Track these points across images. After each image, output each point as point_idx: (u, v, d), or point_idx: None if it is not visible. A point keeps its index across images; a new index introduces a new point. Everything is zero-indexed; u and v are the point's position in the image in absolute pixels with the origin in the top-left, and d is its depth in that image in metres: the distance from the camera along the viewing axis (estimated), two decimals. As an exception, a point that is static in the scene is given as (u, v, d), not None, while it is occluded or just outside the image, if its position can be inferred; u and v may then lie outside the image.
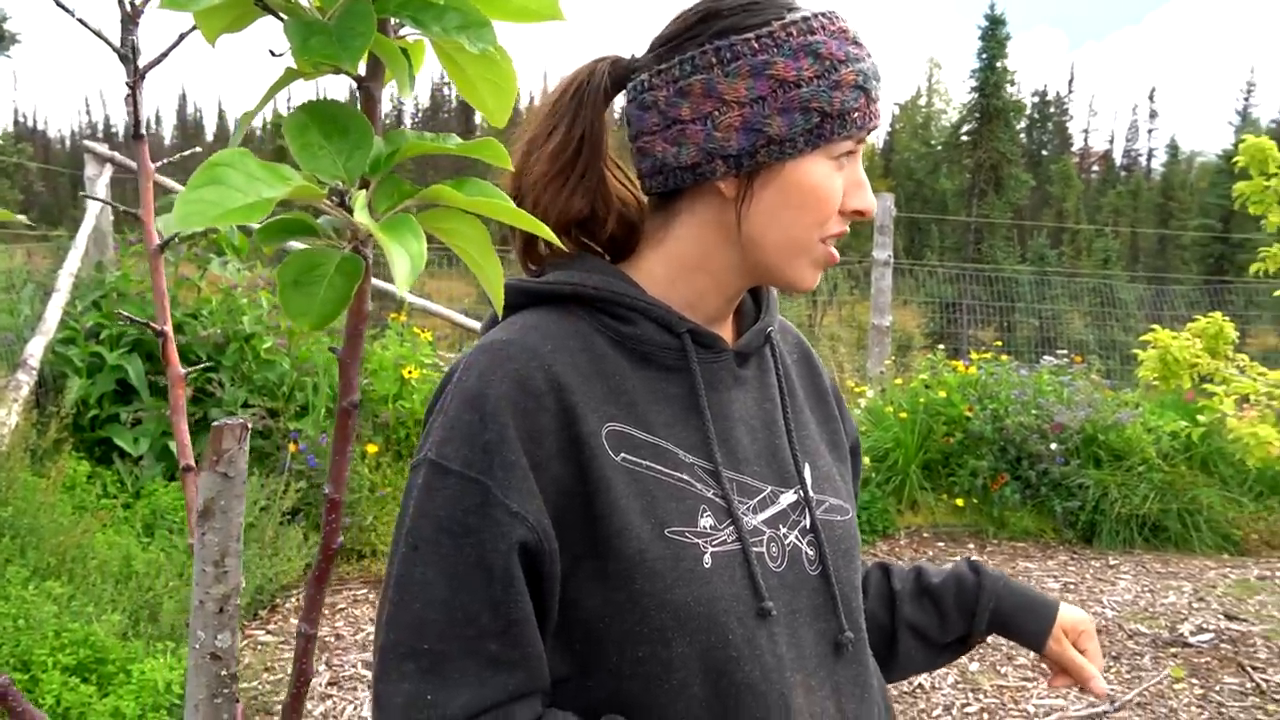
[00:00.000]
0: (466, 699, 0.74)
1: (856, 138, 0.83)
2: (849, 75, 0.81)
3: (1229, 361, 3.05)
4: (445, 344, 6.79)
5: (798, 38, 0.81)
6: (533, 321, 0.84)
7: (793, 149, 0.81)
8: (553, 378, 0.79)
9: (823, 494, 0.93)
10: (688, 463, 0.83)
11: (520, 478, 0.76)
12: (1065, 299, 10.99)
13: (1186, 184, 53.03)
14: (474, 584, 0.75)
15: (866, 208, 0.86)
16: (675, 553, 0.79)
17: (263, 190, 0.40)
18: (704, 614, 0.79)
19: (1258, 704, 3.13)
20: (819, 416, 1.01)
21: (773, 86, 0.80)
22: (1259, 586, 4.38)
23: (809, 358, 1.05)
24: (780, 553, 0.86)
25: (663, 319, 0.85)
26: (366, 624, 3.67)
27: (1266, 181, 3.07)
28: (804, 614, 0.87)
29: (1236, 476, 5.22)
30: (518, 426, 0.77)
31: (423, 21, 0.45)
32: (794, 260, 0.85)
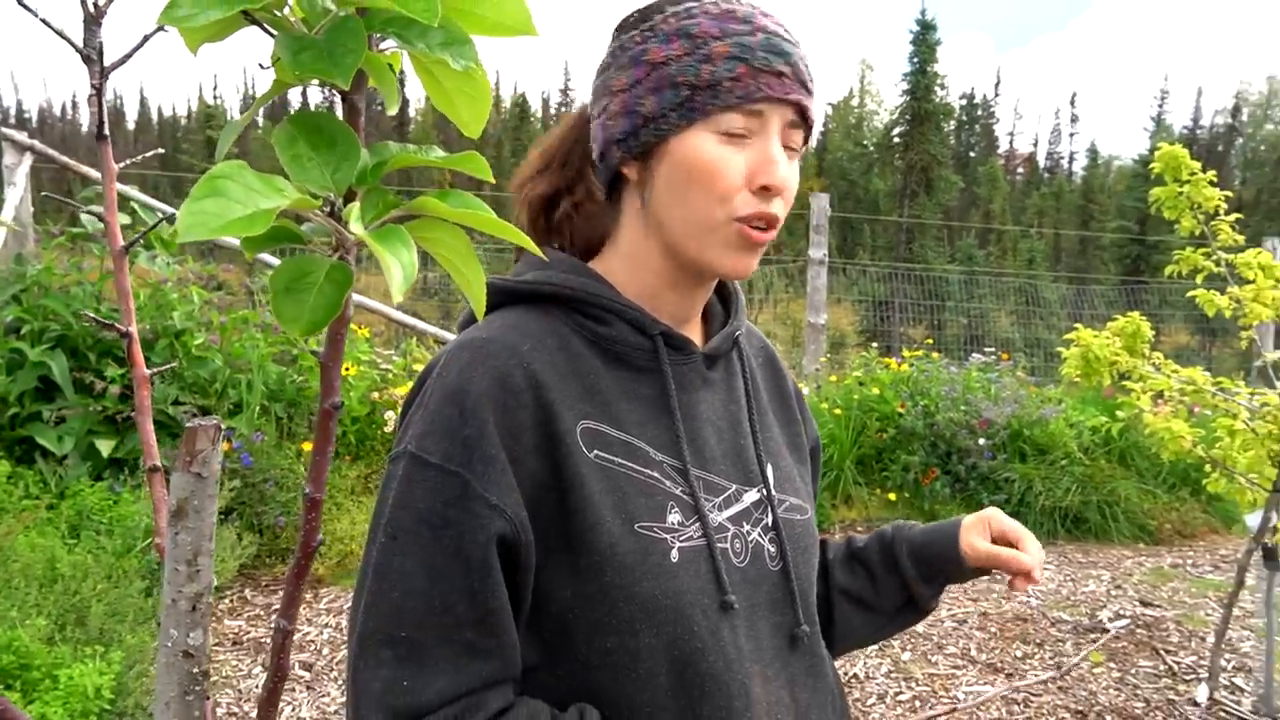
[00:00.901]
0: (442, 685, 0.76)
1: (743, 109, 0.82)
2: (720, 48, 0.81)
3: (1145, 359, 3.18)
4: (381, 340, 6.70)
5: (674, 24, 0.84)
6: (512, 320, 0.86)
7: (667, 124, 0.83)
8: (531, 375, 0.82)
9: (784, 493, 0.96)
10: (657, 460, 0.86)
11: (499, 472, 0.78)
12: (992, 298, 11.32)
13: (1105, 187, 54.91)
14: (452, 574, 0.77)
15: (770, 182, 0.83)
16: (644, 547, 0.82)
17: (261, 201, 0.41)
18: (670, 606, 0.81)
19: (1169, 685, 3.29)
20: (782, 419, 1.04)
21: (646, 69, 0.84)
22: (1172, 574, 4.59)
23: (774, 361, 1.09)
24: (743, 549, 0.89)
25: (636, 321, 0.88)
26: (303, 624, 3.62)
27: (1180, 188, 3.21)
28: (763, 607, 0.90)
29: (1152, 469, 5.46)
30: (497, 422, 0.79)
31: (408, 39, 0.47)
32: (703, 241, 0.85)
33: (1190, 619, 3.94)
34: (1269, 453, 3.04)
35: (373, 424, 4.66)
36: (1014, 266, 31.08)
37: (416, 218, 0.49)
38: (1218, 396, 3.16)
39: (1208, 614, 3.98)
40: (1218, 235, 3.17)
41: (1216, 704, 3.12)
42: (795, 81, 0.84)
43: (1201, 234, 3.20)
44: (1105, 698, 3.18)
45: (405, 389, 4.80)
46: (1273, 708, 3.05)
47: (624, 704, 0.82)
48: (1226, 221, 3.16)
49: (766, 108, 0.83)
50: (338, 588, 3.97)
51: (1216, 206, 3.16)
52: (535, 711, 0.80)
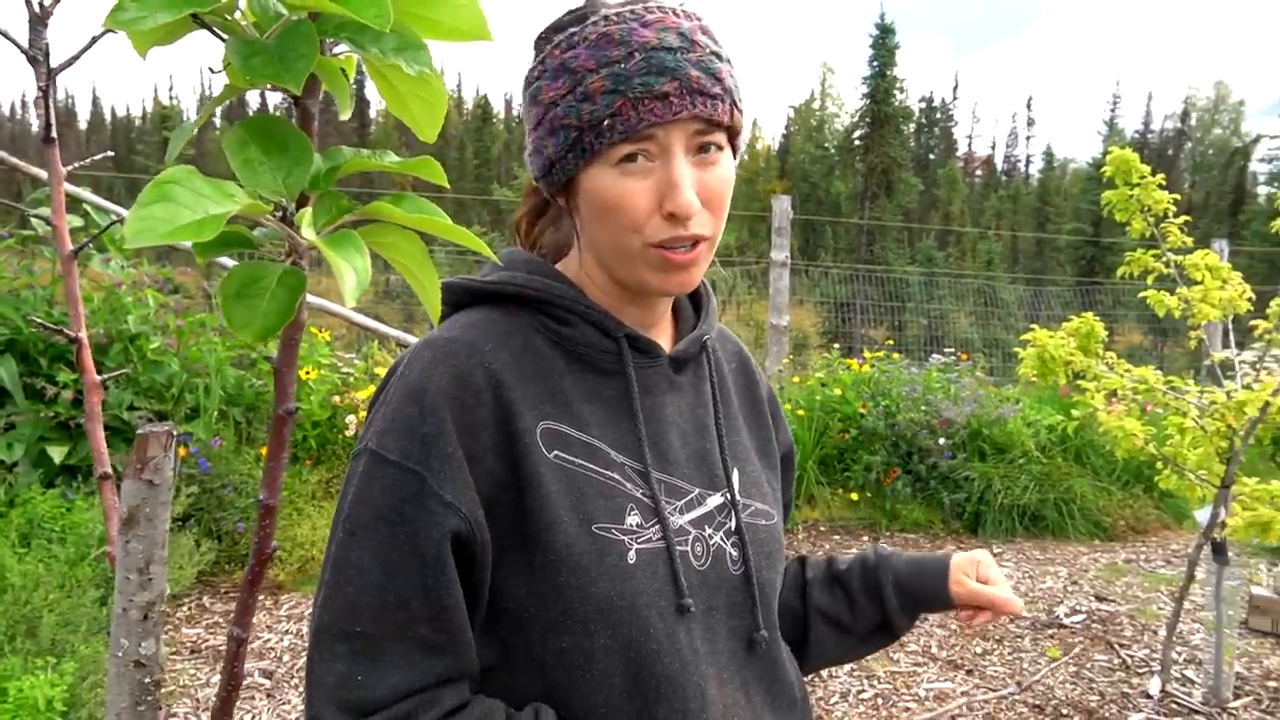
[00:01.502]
0: (396, 681, 0.77)
1: (633, 139, 0.80)
2: (596, 83, 0.79)
3: (1099, 359, 3.25)
4: (342, 344, 6.63)
5: (558, 58, 0.83)
6: (476, 319, 0.87)
7: (568, 164, 0.83)
8: (492, 375, 0.82)
9: (749, 498, 0.97)
10: (618, 462, 0.86)
11: (455, 469, 0.79)
12: (952, 299, 11.47)
13: (1061, 189, 55.91)
14: (407, 570, 0.77)
15: (674, 209, 0.80)
16: (601, 548, 0.82)
17: (210, 207, 0.41)
18: (626, 608, 0.82)
19: (1124, 678, 3.35)
20: (752, 424, 1.04)
21: (542, 111, 0.84)
22: (1126, 569, 4.68)
23: (747, 367, 1.08)
24: (704, 552, 0.89)
25: (601, 323, 0.88)
26: (263, 631, 3.57)
27: (1130, 191, 3.28)
28: (721, 611, 0.90)
29: (1106, 467, 5.57)
30: (455, 420, 0.80)
31: (361, 43, 0.47)
32: (627, 265, 0.85)
33: (1143, 613, 4.03)
34: (1217, 450, 3.12)
35: (334, 428, 4.61)
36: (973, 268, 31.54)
37: (371, 222, 0.48)
38: (1168, 395, 3.23)
39: (1160, 608, 4.07)
40: (1167, 237, 3.24)
41: (1168, 696, 3.19)
42: (685, 94, 0.79)
43: (1152, 236, 3.27)
44: (1062, 692, 3.24)
45: (367, 393, 4.76)
46: (1222, 699, 3.12)
47: (579, 704, 0.83)
48: (1175, 224, 3.23)
49: (658, 132, 0.80)
50: (299, 594, 3.93)
51: (1166, 209, 3.23)
52: (490, 710, 0.81)
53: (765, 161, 61.09)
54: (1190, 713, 3.09)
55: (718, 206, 0.85)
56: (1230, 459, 3.09)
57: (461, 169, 56.15)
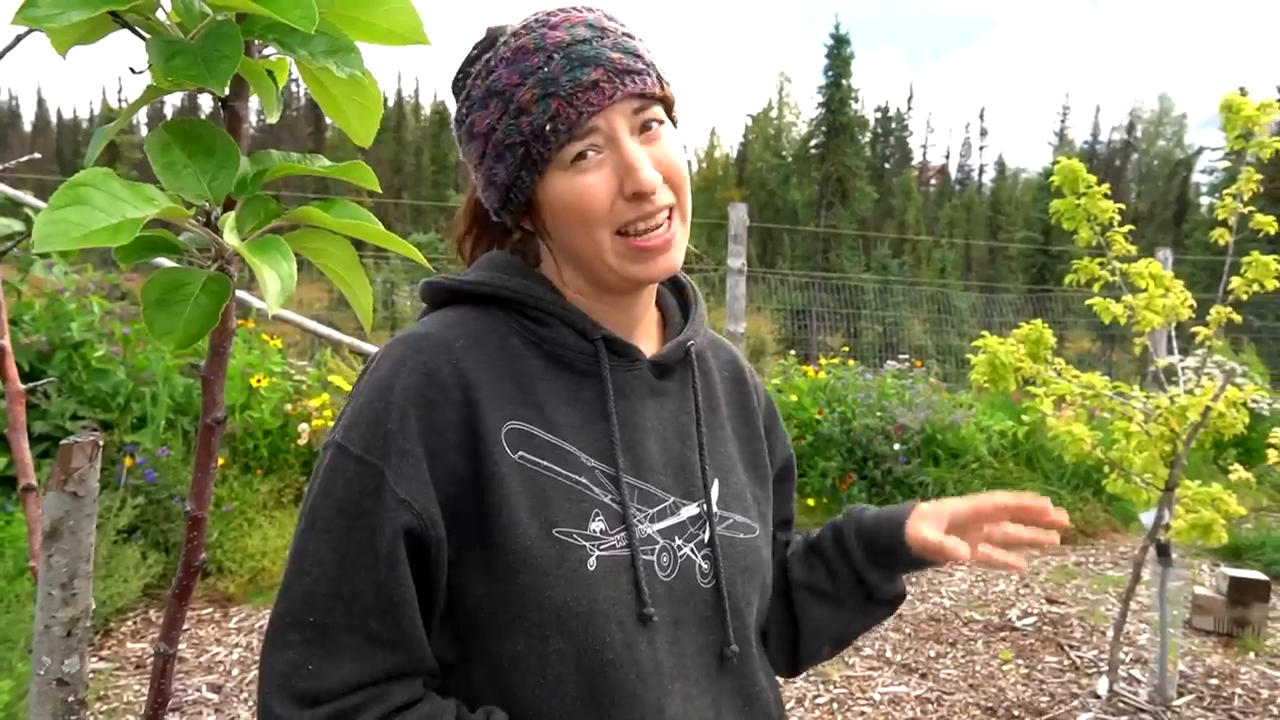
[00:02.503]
0: (346, 672, 0.77)
1: (578, 136, 0.81)
2: (527, 94, 0.81)
3: (1048, 365, 3.30)
4: (295, 351, 6.53)
5: (481, 86, 0.84)
6: (452, 318, 0.87)
7: (525, 183, 0.84)
8: (460, 373, 0.82)
9: (729, 511, 0.94)
10: (588, 466, 0.85)
11: (412, 466, 0.79)
12: (906, 306, 11.62)
13: (1013, 199, 56.96)
14: (362, 564, 0.78)
15: (637, 188, 0.82)
16: (560, 552, 0.81)
17: (127, 211, 0.39)
18: (583, 614, 0.81)
19: (1073, 679, 3.41)
20: (741, 436, 1.02)
21: (482, 143, 0.85)
22: (1075, 571, 4.77)
23: (741, 377, 1.06)
24: (671, 563, 0.88)
25: (577, 324, 0.88)
26: (211, 645, 3.50)
27: (1078, 200, 3.35)
28: (690, 624, 0.88)
29: (1056, 471, 5.67)
30: (419, 417, 0.80)
31: (289, 45, 0.46)
32: (601, 261, 0.85)
33: (1092, 614, 4.10)
34: (1161, 454, 3.19)
35: (286, 436, 4.53)
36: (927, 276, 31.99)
37: (300, 227, 0.47)
38: (1115, 401, 3.29)
39: (1108, 609, 4.14)
40: (1112, 246, 3.31)
41: (1116, 695, 3.24)
42: (614, 76, 0.82)
43: (1099, 244, 3.34)
44: (1013, 693, 3.28)
45: (320, 401, 4.69)
46: (1166, 697, 3.19)
47: (533, 708, 0.82)
48: (1120, 232, 3.30)
49: (599, 121, 0.82)
50: (249, 606, 3.85)
51: (1111, 218, 3.30)
52: (439, 709, 0.80)
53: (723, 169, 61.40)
54: (1137, 711, 3.14)
55: (676, 176, 0.86)
56: (1174, 463, 3.16)
57: (419, 175, 55.68)
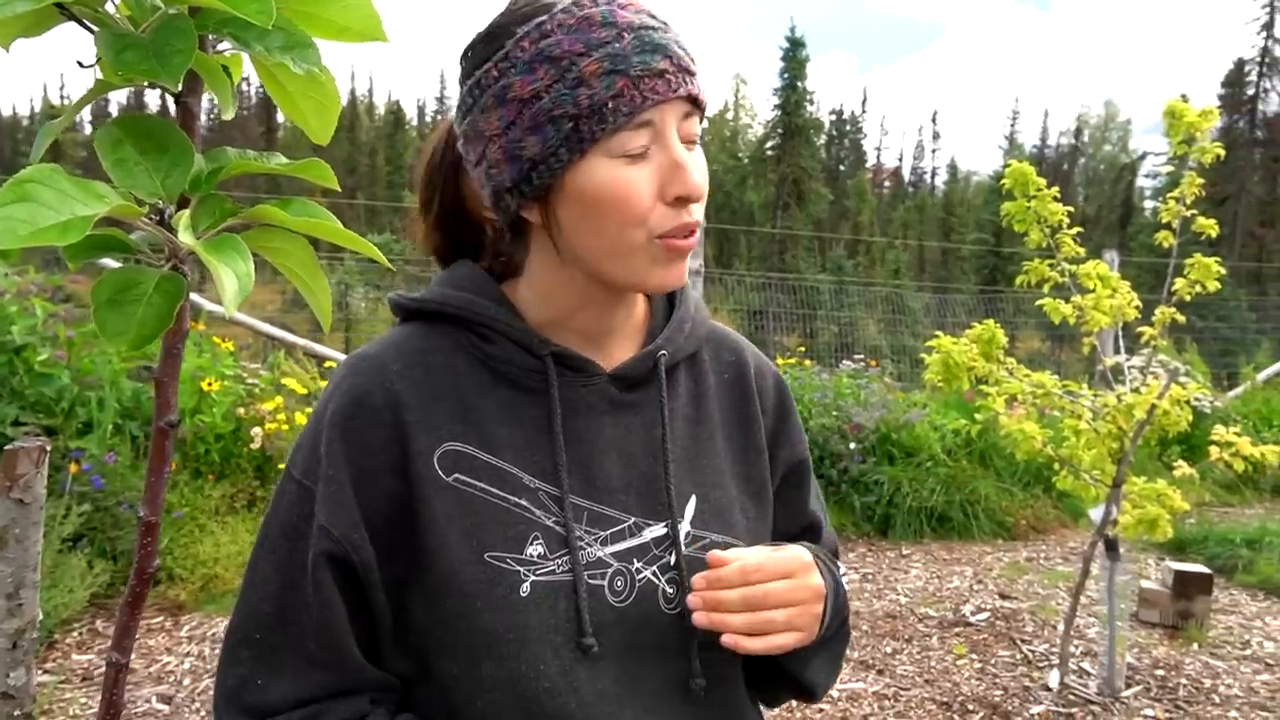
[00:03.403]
0: (288, 689, 0.79)
1: (634, 124, 0.76)
2: (591, 66, 0.74)
3: (1000, 365, 3.36)
4: (248, 354, 6.41)
5: (530, 49, 0.76)
6: (397, 337, 0.86)
7: (559, 162, 0.76)
8: (392, 395, 0.81)
9: (706, 529, 0.88)
10: (530, 488, 0.82)
11: (334, 491, 0.78)
12: (861, 307, 11.75)
13: (965, 201, 57.92)
14: (299, 585, 0.79)
15: (685, 192, 0.77)
16: (491, 578, 0.78)
17: (77, 208, 0.38)
18: (515, 641, 0.78)
19: (1025, 673, 3.47)
20: (735, 446, 0.95)
21: (517, 108, 0.76)
22: (1027, 567, 4.86)
23: (743, 379, 0.98)
24: (627, 587, 0.83)
25: (523, 341, 0.83)
26: (162, 654, 3.42)
27: (1028, 203, 3.41)
28: (647, 652, 0.84)
29: (1008, 469, 5.77)
30: (346, 440, 0.79)
31: (245, 40, 0.45)
32: (628, 265, 0.80)
33: (1044, 609, 4.18)
34: (1109, 451, 3.26)
35: (238, 441, 4.45)
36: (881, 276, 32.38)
37: (256, 226, 0.46)
38: (1064, 399, 3.36)
39: (1059, 604, 4.22)
40: (1061, 247, 3.38)
41: (1067, 688, 3.31)
42: (679, 73, 0.77)
43: (1048, 246, 3.41)
44: (968, 688, 3.34)
45: (273, 404, 4.61)
46: (1115, 689, 3.26)
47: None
48: (1069, 234, 3.37)
49: (656, 114, 0.76)
50: (200, 614, 3.78)
51: (1060, 220, 3.37)
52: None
53: None
54: (1086, 703, 3.21)
55: (704, 197, 0.82)
56: (1121, 459, 3.23)
57: (373, 175, 55.02)
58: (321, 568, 0.78)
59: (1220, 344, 11.13)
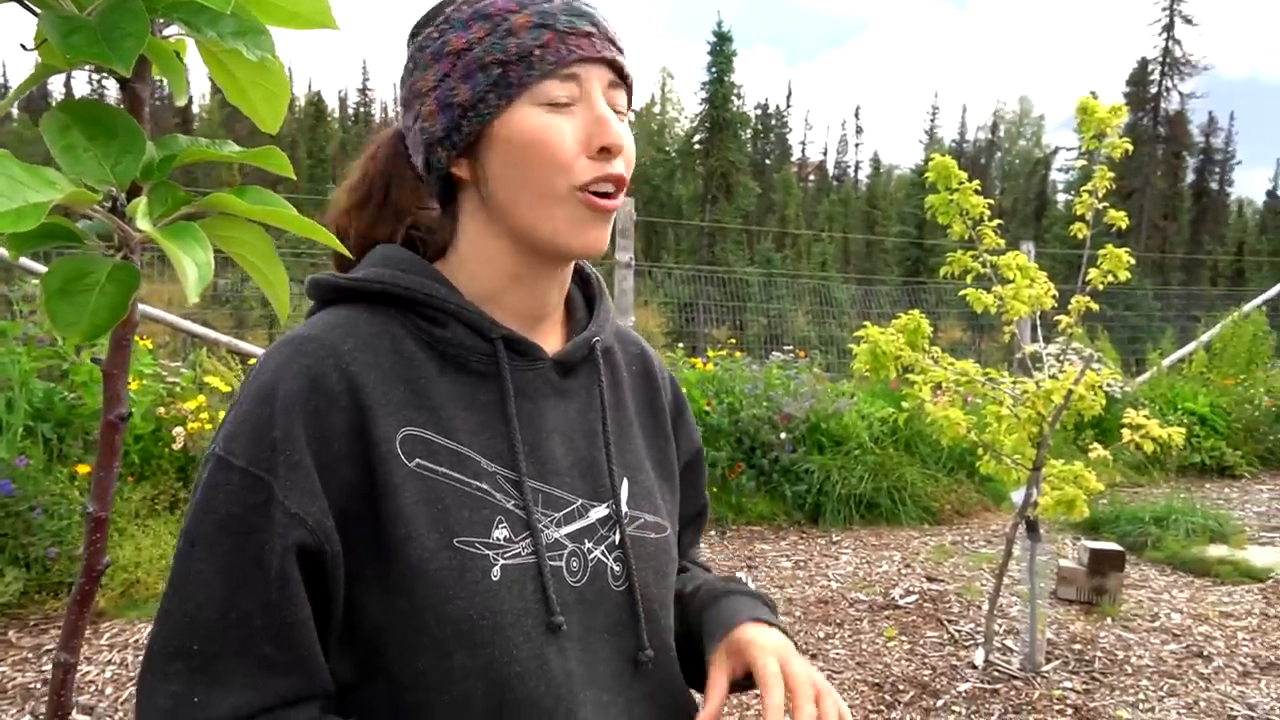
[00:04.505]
0: (235, 701, 0.72)
1: (559, 75, 0.80)
2: (521, 19, 0.80)
3: (925, 354, 3.46)
4: (166, 352, 6.21)
5: (468, 10, 0.82)
6: (338, 318, 0.82)
7: (487, 108, 0.80)
8: (349, 377, 0.78)
9: (638, 510, 0.92)
10: (489, 471, 0.82)
11: (303, 478, 0.74)
12: (789, 299, 11.92)
13: (887, 194, 59.15)
14: (251, 584, 0.73)
15: (607, 142, 0.80)
16: (462, 563, 0.77)
17: (29, 195, 0.37)
18: (488, 627, 0.77)
19: (952, 652, 3.58)
20: (649, 432, 0.99)
21: (451, 61, 0.81)
22: (952, 550, 5.01)
23: (649, 370, 1.03)
24: (581, 567, 0.85)
25: (475, 323, 0.83)
26: (81, 663, 3.30)
27: (950, 195, 3.51)
28: (601, 630, 0.86)
29: (933, 455, 5.93)
30: (306, 425, 0.75)
31: (196, 25, 0.44)
32: (550, 218, 0.81)
33: (969, 590, 4.31)
34: (1029, 435, 3.38)
35: (158, 441, 4.31)
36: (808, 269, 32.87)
37: (209, 215, 0.46)
38: (986, 386, 3.47)
39: (983, 585, 4.36)
40: (983, 239, 3.48)
41: (991, 665, 3.43)
42: (604, 39, 0.82)
43: (970, 238, 3.51)
44: (898, 669, 3.43)
45: (195, 403, 4.48)
46: (1035, 664, 3.39)
47: None
48: (990, 226, 3.48)
49: (581, 70, 0.81)
50: (122, 620, 3.65)
51: (981, 213, 3.47)
52: None
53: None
54: (1010, 679, 3.33)
55: (631, 158, 0.85)
56: (1040, 443, 3.35)
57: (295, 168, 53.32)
58: (291, 561, 0.73)
59: (1128, 332, 11.61)
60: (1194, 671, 3.45)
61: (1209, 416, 7.35)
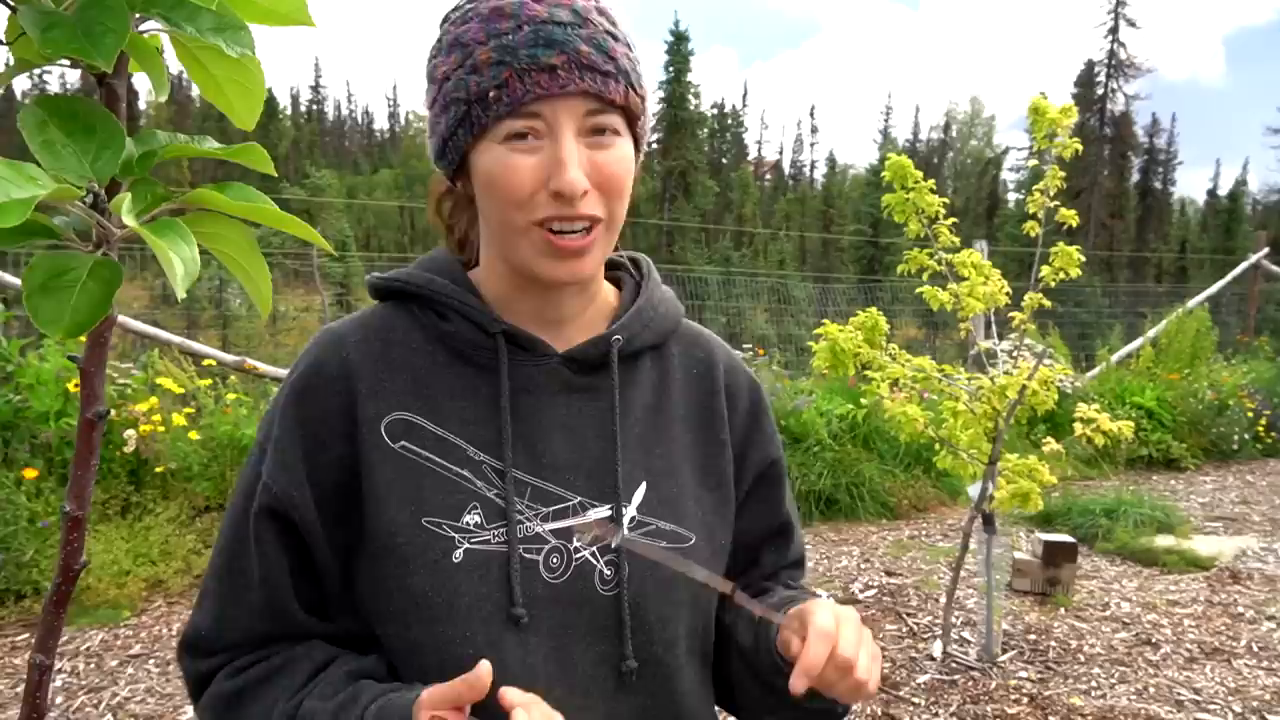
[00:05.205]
0: (235, 637, 0.85)
1: (520, 115, 0.78)
2: (484, 55, 0.78)
3: (883, 351, 3.50)
4: (115, 353, 6.08)
5: (452, 33, 0.81)
6: (366, 314, 0.91)
7: (459, 141, 0.82)
8: (347, 365, 0.85)
9: (652, 516, 0.89)
10: (475, 460, 0.84)
11: (280, 453, 0.83)
12: (748, 297, 11.99)
13: (843, 193, 59.75)
14: (245, 540, 0.85)
15: (560, 188, 0.78)
16: (426, 541, 0.81)
17: (11, 190, 0.37)
18: (443, 605, 0.80)
19: (911, 644, 3.64)
20: (697, 439, 0.95)
21: (437, 89, 0.83)
22: (910, 545, 5.08)
23: (710, 375, 0.98)
24: (563, 565, 0.84)
25: (476, 318, 0.87)
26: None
27: (906, 194, 3.56)
28: (581, 632, 0.84)
29: (891, 451, 6.01)
30: (300, 405, 0.84)
31: (175, 21, 0.44)
32: (515, 248, 0.83)
33: (927, 584, 4.38)
34: (985, 430, 3.44)
35: (109, 444, 4.22)
36: (766, 267, 33.09)
37: (189, 211, 0.45)
38: (943, 382, 3.53)
39: (940, 578, 4.44)
40: (939, 237, 3.54)
41: (949, 657, 3.49)
42: (574, 69, 0.78)
43: (925, 236, 3.56)
44: (859, 661, 3.47)
45: (147, 405, 4.40)
46: (992, 655, 3.46)
47: None
48: (945, 225, 3.54)
49: (543, 107, 0.78)
50: (72, 628, 3.57)
51: (937, 211, 3.53)
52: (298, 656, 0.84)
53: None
54: (967, 670, 3.39)
55: (613, 189, 0.83)
56: (996, 438, 3.42)
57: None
58: (262, 521, 0.83)
59: (1078, 328, 11.85)
60: (1143, 659, 3.55)
61: (1156, 410, 7.55)
